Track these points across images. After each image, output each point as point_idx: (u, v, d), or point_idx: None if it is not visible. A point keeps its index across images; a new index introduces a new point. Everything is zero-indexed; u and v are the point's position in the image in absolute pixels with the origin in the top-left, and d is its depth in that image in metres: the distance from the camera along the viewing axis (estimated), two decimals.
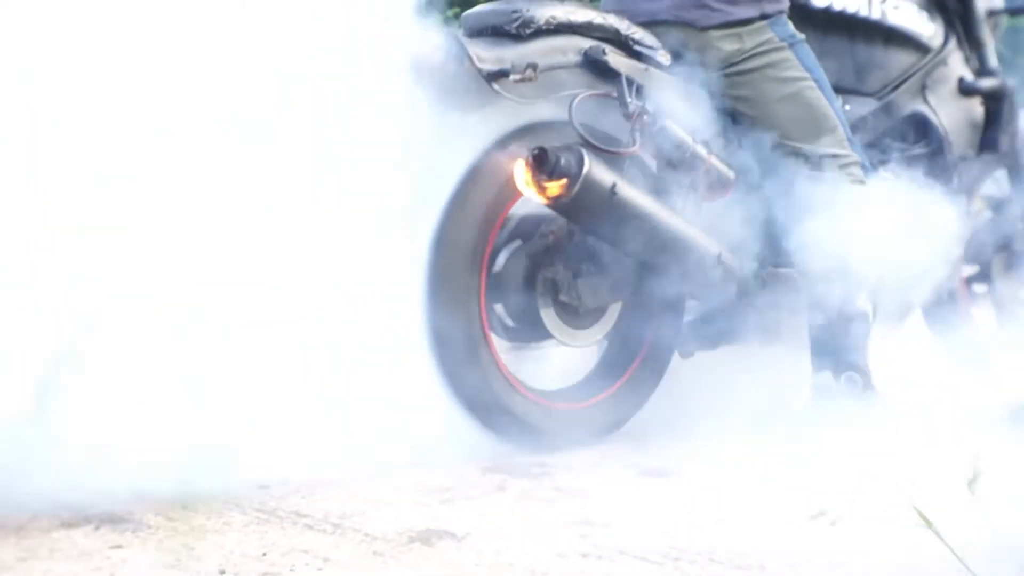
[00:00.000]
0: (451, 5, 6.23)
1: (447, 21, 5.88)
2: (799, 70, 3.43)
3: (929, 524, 2.08)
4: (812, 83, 3.44)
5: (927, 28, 3.97)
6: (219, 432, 2.59)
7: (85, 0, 2.60)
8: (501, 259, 3.20)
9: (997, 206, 4.27)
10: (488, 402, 3.12)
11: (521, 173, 3.06)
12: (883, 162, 3.80)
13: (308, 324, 2.79)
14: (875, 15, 3.83)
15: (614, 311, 3.34)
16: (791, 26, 3.46)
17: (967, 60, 4.13)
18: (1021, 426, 3.25)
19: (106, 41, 2.59)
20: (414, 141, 2.92)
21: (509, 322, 3.25)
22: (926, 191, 3.68)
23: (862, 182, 3.46)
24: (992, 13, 4.29)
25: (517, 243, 3.23)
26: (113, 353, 2.52)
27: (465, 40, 3.05)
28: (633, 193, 3.13)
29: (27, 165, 2.50)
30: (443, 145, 3.01)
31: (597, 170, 3.05)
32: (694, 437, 3.19)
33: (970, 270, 4.36)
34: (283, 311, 2.76)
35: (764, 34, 3.40)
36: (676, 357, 3.46)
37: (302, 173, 2.79)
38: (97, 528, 2.44)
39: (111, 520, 2.48)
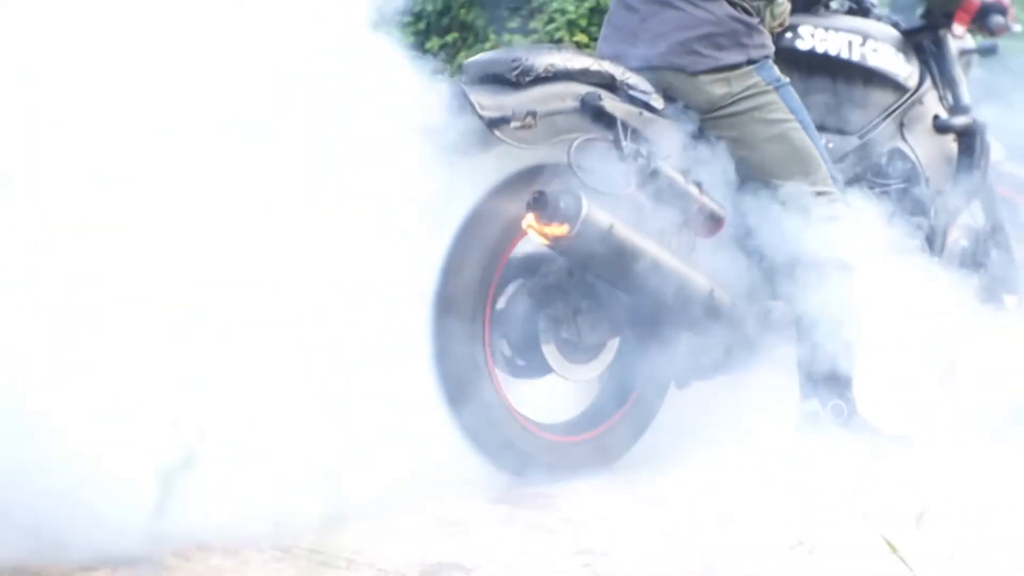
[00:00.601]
0: (447, 32, 6.15)
1: (438, 50, 5.82)
2: (784, 112, 3.39)
3: (894, 550, 2.13)
4: (797, 124, 3.40)
5: (904, 69, 3.93)
6: (233, 472, 2.51)
7: (86, 1, 2.52)
8: (504, 297, 3.16)
9: (972, 236, 4.21)
10: (493, 435, 3.05)
11: (523, 215, 3.02)
12: (864, 197, 3.73)
13: (318, 360, 2.72)
14: (855, 57, 3.81)
15: (613, 346, 3.29)
16: (776, 70, 3.42)
17: (941, 99, 4.08)
18: (998, 444, 3.23)
19: (107, 42, 2.53)
20: (420, 186, 2.86)
21: (512, 358, 3.20)
22: (904, 224, 3.63)
23: (845, 218, 3.39)
24: (964, 53, 4.25)
25: (519, 282, 3.18)
26: (122, 394, 2.41)
27: (467, 88, 3.01)
28: (629, 233, 3.11)
29: (28, 165, 2.42)
30: (448, 189, 2.94)
31: (595, 212, 3.03)
32: (690, 466, 3.14)
33: None
34: (293, 347, 2.68)
35: (751, 78, 3.35)
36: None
37: (305, 215, 2.72)
38: (115, 570, 2.37)
39: (129, 562, 2.41)
